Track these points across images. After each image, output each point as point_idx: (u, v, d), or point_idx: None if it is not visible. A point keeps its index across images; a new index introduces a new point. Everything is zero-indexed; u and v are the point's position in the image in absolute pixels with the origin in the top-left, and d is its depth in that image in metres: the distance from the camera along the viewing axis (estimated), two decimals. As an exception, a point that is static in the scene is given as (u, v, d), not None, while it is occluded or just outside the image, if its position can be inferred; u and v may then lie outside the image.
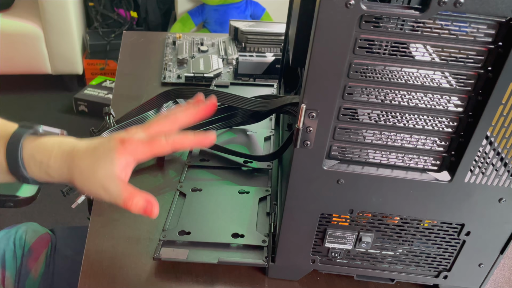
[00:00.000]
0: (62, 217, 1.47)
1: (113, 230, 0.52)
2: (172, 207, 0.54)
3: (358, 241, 0.45)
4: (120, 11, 2.02)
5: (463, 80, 0.36)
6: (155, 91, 0.79)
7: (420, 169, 0.41)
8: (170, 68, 0.85)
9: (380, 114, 0.39)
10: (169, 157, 0.64)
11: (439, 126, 0.39)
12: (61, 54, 1.87)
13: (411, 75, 0.38)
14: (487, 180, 0.39)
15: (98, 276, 0.47)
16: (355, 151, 0.40)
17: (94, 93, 1.88)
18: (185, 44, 0.94)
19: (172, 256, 0.47)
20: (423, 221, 0.43)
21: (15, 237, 0.68)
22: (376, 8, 0.33)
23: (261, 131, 0.69)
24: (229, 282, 0.48)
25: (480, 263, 0.45)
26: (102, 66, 1.99)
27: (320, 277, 0.50)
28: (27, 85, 2.02)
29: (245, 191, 0.57)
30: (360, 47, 0.34)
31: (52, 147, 0.44)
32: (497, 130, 0.37)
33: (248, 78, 0.83)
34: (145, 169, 0.61)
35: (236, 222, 0.52)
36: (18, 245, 0.67)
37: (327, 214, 0.43)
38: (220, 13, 1.91)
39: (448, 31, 0.34)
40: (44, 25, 1.79)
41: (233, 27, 0.96)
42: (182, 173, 0.59)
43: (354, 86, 0.36)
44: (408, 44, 0.35)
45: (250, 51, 0.92)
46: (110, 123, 0.63)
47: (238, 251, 0.49)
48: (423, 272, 0.47)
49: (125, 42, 0.95)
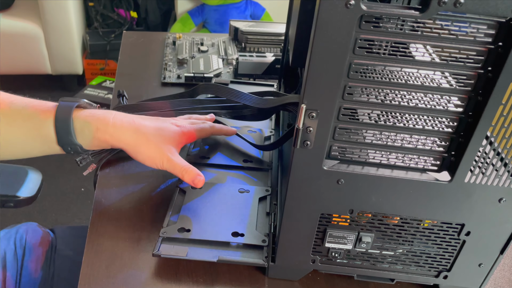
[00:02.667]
0: (62, 217, 1.47)
1: (113, 230, 0.52)
2: (172, 204, 0.54)
3: (358, 241, 0.45)
4: (120, 11, 2.02)
5: (463, 80, 0.36)
6: (155, 91, 0.79)
7: (420, 169, 0.41)
8: (170, 68, 0.85)
9: (380, 114, 0.39)
10: None
11: (439, 126, 0.39)
12: (61, 54, 1.87)
13: (411, 75, 0.38)
14: (487, 180, 0.39)
15: (98, 276, 0.47)
16: (355, 151, 0.40)
17: (94, 93, 1.88)
18: (185, 44, 0.94)
19: (172, 253, 0.47)
20: (423, 221, 0.43)
21: (16, 238, 0.68)
22: (376, 8, 0.33)
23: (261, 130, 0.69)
24: (229, 282, 0.48)
25: (480, 263, 0.45)
26: (102, 66, 1.99)
27: (320, 277, 0.50)
28: (27, 85, 2.02)
29: (245, 190, 0.57)
30: (360, 47, 0.34)
31: (105, 115, 0.51)
32: (497, 130, 0.37)
33: (248, 78, 0.83)
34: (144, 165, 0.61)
35: (236, 221, 0.52)
36: (18, 246, 0.67)
37: (327, 214, 0.43)
38: (220, 13, 1.91)
39: (448, 31, 0.34)
40: (44, 25, 1.79)
41: (233, 27, 0.96)
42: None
43: (354, 86, 0.36)
44: (408, 44, 0.35)
45: (250, 51, 0.92)
46: (124, 104, 0.68)
47: (238, 250, 0.49)
48: (423, 272, 0.47)
49: (125, 42, 0.95)
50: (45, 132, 0.49)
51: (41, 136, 0.50)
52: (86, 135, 0.50)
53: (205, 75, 0.81)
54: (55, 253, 0.68)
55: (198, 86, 0.66)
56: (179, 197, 0.55)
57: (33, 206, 1.43)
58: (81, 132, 0.50)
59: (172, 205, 0.54)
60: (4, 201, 0.71)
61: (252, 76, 0.83)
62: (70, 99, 0.51)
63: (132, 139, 0.51)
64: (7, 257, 0.65)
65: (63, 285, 0.65)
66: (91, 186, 0.68)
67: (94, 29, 2.01)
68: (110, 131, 0.50)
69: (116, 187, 0.58)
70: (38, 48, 1.83)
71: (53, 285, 0.65)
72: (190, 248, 0.48)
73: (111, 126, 0.50)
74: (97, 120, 0.50)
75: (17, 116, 0.49)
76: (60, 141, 0.50)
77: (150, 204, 0.55)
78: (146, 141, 0.51)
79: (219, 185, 0.58)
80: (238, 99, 0.59)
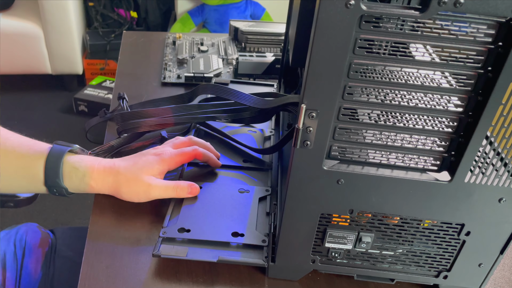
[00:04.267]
0: (62, 217, 1.47)
1: (113, 230, 0.52)
2: (172, 204, 0.54)
3: (358, 241, 0.45)
4: (120, 11, 2.02)
5: (463, 80, 0.36)
6: (155, 91, 0.79)
7: (420, 169, 0.41)
8: (170, 68, 0.85)
9: (380, 114, 0.39)
10: None
11: (439, 126, 0.39)
12: (61, 54, 1.87)
13: (411, 75, 0.38)
14: (487, 180, 0.39)
15: (98, 276, 0.47)
16: (355, 151, 0.40)
17: (94, 93, 1.88)
18: (185, 44, 0.94)
19: (172, 253, 0.47)
20: (423, 221, 0.43)
21: (16, 238, 0.68)
22: (376, 8, 0.33)
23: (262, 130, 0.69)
24: (229, 282, 0.48)
25: (480, 263, 0.45)
26: (102, 66, 1.99)
27: (320, 277, 0.50)
28: (27, 85, 2.02)
29: (245, 190, 0.57)
30: (360, 47, 0.34)
31: (92, 162, 0.53)
32: (497, 130, 0.37)
33: (248, 78, 0.83)
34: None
35: (236, 221, 0.52)
36: (18, 246, 0.67)
37: (327, 214, 0.43)
38: (220, 13, 1.91)
39: (448, 31, 0.34)
40: (44, 25, 1.79)
41: (233, 27, 0.96)
42: (182, 171, 0.59)
43: (354, 86, 0.36)
44: (408, 44, 0.35)
45: (250, 51, 0.92)
46: (124, 107, 0.68)
47: (238, 250, 0.49)
48: (423, 272, 0.47)
49: (125, 42, 0.95)
50: (34, 172, 0.51)
51: (30, 176, 0.52)
52: (73, 179, 0.52)
53: (205, 75, 0.81)
54: (55, 254, 0.68)
55: (198, 86, 0.66)
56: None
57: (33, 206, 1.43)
58: (68, 176, 0.52)
59: (172, 205, 0.54)
60: (4, 201, 0.72)
61: (252, 76, 0.83)
62: (63, 143, 0.53)
63: (113, 183, 0.53)
64: (7, 258, 0.65)
65: (63, 286, 0.65)
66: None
67: (94, 29, 2.01)
68: (94, 177, 0.52)
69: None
70: (38, 48, 1.83)
71: (53, 285, 0.65)
72: (190, 248, 0.48)
73: (95, 173, 0.52)
74: (84, 167, 0.52)
75: (10, 153, 0.51)
76: (47, 182, 0.52)
77: (150, 204, 0.55)
78: (126, 181, 0.52)
79: (219, 185, 0.58)
80: (238, 99, 0.59)
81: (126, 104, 0.68)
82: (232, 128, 0.69)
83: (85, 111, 1.87)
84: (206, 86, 0.65)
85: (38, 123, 1.82)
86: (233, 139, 0.65)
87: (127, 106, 0.68)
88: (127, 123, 0.62)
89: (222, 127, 0.68)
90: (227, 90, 0.61)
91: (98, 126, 0.71)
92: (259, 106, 0.57)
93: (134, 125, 0.61)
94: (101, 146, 0.61)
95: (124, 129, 0.62)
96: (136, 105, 0.70)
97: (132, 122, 0.62)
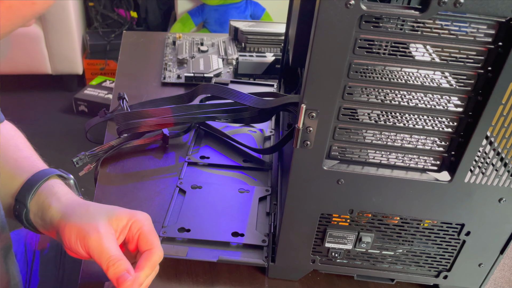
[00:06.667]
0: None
1: (113, 230, 0.52)
2: (172, 203, 0.54)
3: (358, 241, 0.45)
4: (120, 11, 2.02)
5: (463, 80, 0.36)
6: (155, 91, 0.79)
7: (420, 169, 0.41)
8: (170, 68, 0.85)
9: (380, 114, 0.39)
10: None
11: (439, 126, 0.39)
12: (61, 54, 1.87)
13: (411, 75, 0.38)
14: (487, 180, 0.39)
15: (98, 276, 0.47)
16: (355, 151, 0.40)
17: (94, 93, 1.87)
18: (185, 44, 0.94)
19: (172, 253, 0.47)
20: (423, 221, 0.43)
21: (26, 241, 0.67)
22: (376, 8, 0.33)
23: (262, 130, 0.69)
24: (229, 282, 0.48)
25: (480, 263, 0.45)
26: (102, 66, 1.98)
27: (320, 277, 0.50)
28: (27, 85, 2.02)
29: (245, 190, 0.57)
30: (360, 47, 0.34)
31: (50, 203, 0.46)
32: (497, 130, 0.37)
33: (248, 78, 0.83)
34: (144, 163, 0.61)
35: (236, 221, 0.52)
36: (29, 249, 0.67)
37: (327, 214, 0.43)
38: (220, 13, 1.91)
39: (448, 31, 0.34)
40: (44, 25, 1.79)
41: (233, 27, 0.96)
42: (182, 170, 0.60)
43: (354, 86, 0.36)
44: (408, 44, 0.35)
45: (250, 51, 0.92)
46: (124, 107, 0.68)
47: (238, 250, 0.49)
48: (423, 272, 0.47)
49: (125, 42, 0.95)
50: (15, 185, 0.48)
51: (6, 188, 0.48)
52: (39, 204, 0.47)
53: (205, 75, 0.81)
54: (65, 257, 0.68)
55: (198, 86, 0.66)
56: (179, 197, 0.55)
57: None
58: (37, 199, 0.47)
59: (172, 205, 0.54)
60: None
61: (252, 76, 0.83)
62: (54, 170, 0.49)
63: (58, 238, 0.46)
64: (17, 260, 0.65)
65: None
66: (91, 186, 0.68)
67: (94, 29, 2.01)
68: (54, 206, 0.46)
69: (116, 186, 0.58)
70: (38, 48, 1.83)
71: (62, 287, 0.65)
72: (190, 248, 0.48)
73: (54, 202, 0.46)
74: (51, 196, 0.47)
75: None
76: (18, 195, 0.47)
77: (150, 204, 0.55)
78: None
79: (219, 185, 0.58)
80: (238, 99, 0.59)
81: (126, 104, 0.68)
82: (232, 128, 0.69)
83: (85, 111, 1.87)
84: (206, 86, 0.65)
85: (38, 123, 1.82)
86: (233, 139, 0.65)
87: (127, 106, 0.68)
88: (127, 123, 0.62)
89: (222, 127, 0.68)
90: (227, 90, 0.61)
91: (98, 126, 0.71)
92: (259, 106, 0.57)
93: (134, 125, 0.61)
94: (101, 146, 0.61)
95: (124, 129, 0.62)
96: (136, 105, 0.70)
97: (132, 122, 0.62)
